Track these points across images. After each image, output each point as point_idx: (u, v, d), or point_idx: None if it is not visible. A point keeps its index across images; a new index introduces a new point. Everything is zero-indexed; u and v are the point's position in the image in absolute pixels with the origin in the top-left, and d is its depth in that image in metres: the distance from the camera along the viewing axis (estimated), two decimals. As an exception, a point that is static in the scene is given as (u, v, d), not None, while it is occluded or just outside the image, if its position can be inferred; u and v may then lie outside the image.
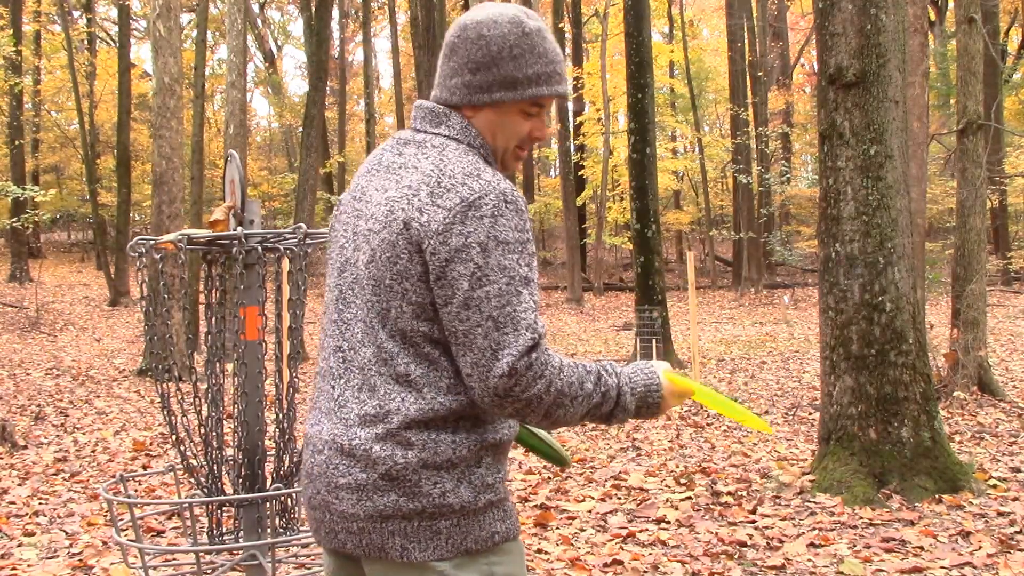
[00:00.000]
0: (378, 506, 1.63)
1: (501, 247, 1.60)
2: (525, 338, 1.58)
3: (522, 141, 1.79)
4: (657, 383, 1.75)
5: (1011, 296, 24.02)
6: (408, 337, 1.65)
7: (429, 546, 1.63)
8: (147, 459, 7.14)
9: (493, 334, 1.58)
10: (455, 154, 1.70)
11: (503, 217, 1.61)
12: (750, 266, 27.70)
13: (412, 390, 1.64)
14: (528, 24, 1.75)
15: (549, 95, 1.76)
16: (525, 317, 1.59)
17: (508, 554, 1.71)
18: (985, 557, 4.21)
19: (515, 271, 1.60)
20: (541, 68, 1.75)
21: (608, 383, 1.69)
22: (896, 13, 5.59)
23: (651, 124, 13.56)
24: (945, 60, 20.08)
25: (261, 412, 3.44)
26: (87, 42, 30.37)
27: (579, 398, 1.65)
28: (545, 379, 1.59)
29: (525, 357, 1.58)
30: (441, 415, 1.64)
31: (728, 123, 32.13)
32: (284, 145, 41.06)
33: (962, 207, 9.17)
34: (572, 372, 1.64)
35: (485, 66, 1.73)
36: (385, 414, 1.65)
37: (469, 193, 1.61)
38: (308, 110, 17.68)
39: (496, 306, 1.58)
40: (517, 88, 1.74)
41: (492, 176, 1.66)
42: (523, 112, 1.77)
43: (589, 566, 4.26)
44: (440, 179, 1.65)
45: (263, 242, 3.43)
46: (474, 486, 1.65)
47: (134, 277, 21.62)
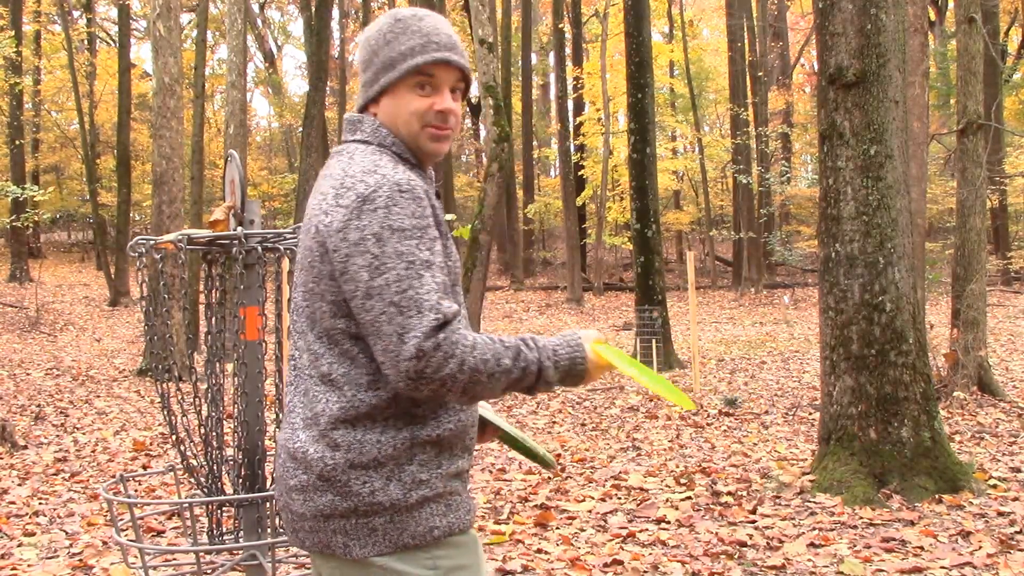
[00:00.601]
0: (319, 506, 1.70)
1: (397, 235, 1.64)
2: (429, 319, 1.61)
3: (427, 118, 1.81)
4: (582, 356, 1.77)
5: (1011, 296, 24.02)
6: (331, 336, 1.72)
7: (368, 543, 1.69)
8: (147, 459, 7.14)
9: (397, 319, 1.61)
10: (361, 155, 1.77)
11: (397, 206, 1.66)
12: (750, 266, 27.69)
13: (334, 389, 1.70)
14: (402, 14, 1.84)
15: (428, 61, 1.78)
16: (428, 299, 1.62)
17: (455, 547, 1.73)
18: (985, 557, 4.21)
19: (413, 256, 1.64)
20: (415, 42, 1.79)
21: (528, 358, 1.71)
22: (896, 13, 5.59)
23: (651, 124, 13.56)
24: (945, 60, 20.09)
25: (261, 412, 3.44)
26: (87, 42, 30.37)
27: (496, 374, 1.66)
28: (457, 358, 1.61)
29: (432, 338, 1.60)
30: (363, 412, 1.68)
31: (728, 123, 32.13)
32: (284, 145, 41.07)
33: (962, 207, 9.17)
34: (487, 349, 1.66)
35: (369, 61, 1.82)
36: (316, 416, 1.72)
37: (365, 188, 1.68)
38: (308, 110, 17.69)
39: (396, 291, 1.62)
40: (395, 66, 1.79)
41: (390, 169, 1.71)
42: (415, 89, 1.80)
43: (589, 566, 4.26)
44: (343, 180, 1.71)
45: (263, 242, 3.43)
46: (404, 483, 1.69)
47: (134, 277, 21.57)
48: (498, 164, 11.60)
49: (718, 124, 37.79)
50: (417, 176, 1.78)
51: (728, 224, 30.47)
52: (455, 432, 1.76)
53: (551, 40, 30.92)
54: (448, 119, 1.82)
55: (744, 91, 28.79)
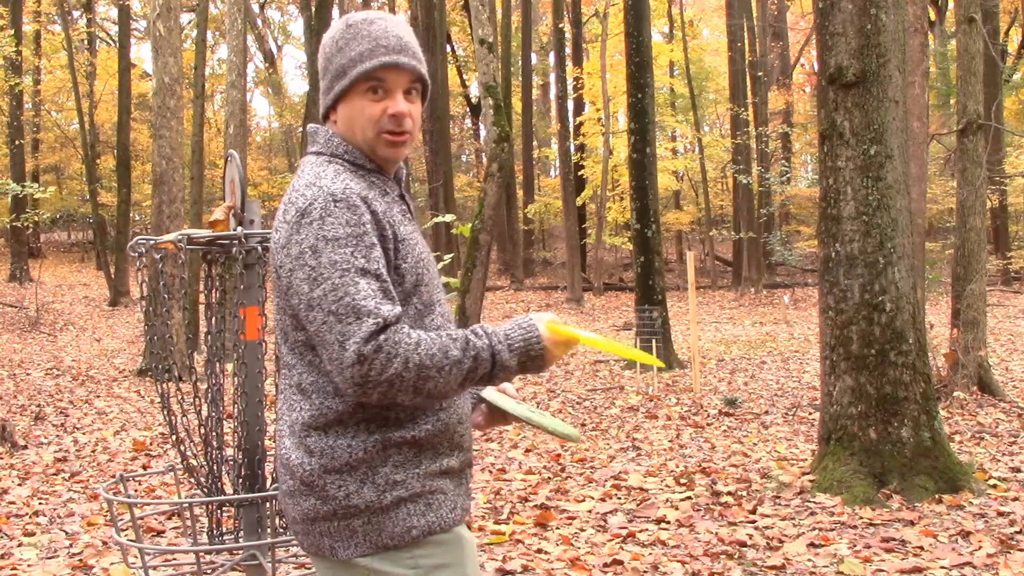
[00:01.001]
0: (304, 510, 1.74)
1: (331, 244, 1.66)
2: (367, 324, 1.62)
3: (381, 123, 1.80)
4: (536, 336, 1.75)
5: (1011, 296, 24.02)
6: (297, 348, 1.75)
7: (350, 544, 1.72)
8: (147, 459, 7.15)
9: (337, 327, 1.63)
10: (309, 168, 1.78)
11: (331, 216, 1.67)
12: (750, 266, 27.68)
13: (306, 397, 1.74)
14: (353, 18, 1.83)
15: (376, 66, 1.78)
16: (365, 305, 1.63)
17: (438, 546, 1.74)
18: (985, 557, 4.21)
19: (348, 264, 1.65)
20: (364, 47, 1.79)
21: (477, 345, 1.70)
22: (896, 13, 5.59)
23: (651, 124, 13.56)
24: (945, 60, 20.08)
25: (261, 412, 3.44)
26: (87, 42, 30.36)
27: (446, 367, 1.66)
28: (400, 357, 1.62)
29: (372, 342, 1.61)
30: (331, 418, 1.71)
31: (728, 123, 32.12)
32: (284, 145, 41.06)
33: (962, 207, 9.17)
34: (432, 344, 1.66)
35: (325, 69, 1.83)
36: (292, 423, 1.76)
37: (303, 202, 1.70)
38: (308, 110, 17.69)
39: (333, 300, 1.63)
40: (347, 73, 1.80)
41: (329, 180, 1.71)
42: (367, 95, 1.79)
43: (589, 566, 4.26)
44: (290, 195, 1.74)
45: (263, 242, 3.43)
46: (377, 485, 1.70)
47: (134, 277, 21.55)
48: (498, 164, 11.60)
49: (718, 124, 37.78)
50: (363, 183, 1.76)
51: (728, 224, 30.46)
52: (435, 431, 1.76)
53: (551, 40, 30.92)
54: (403, 123, 1.80)
55: (744, 91, 28.78)
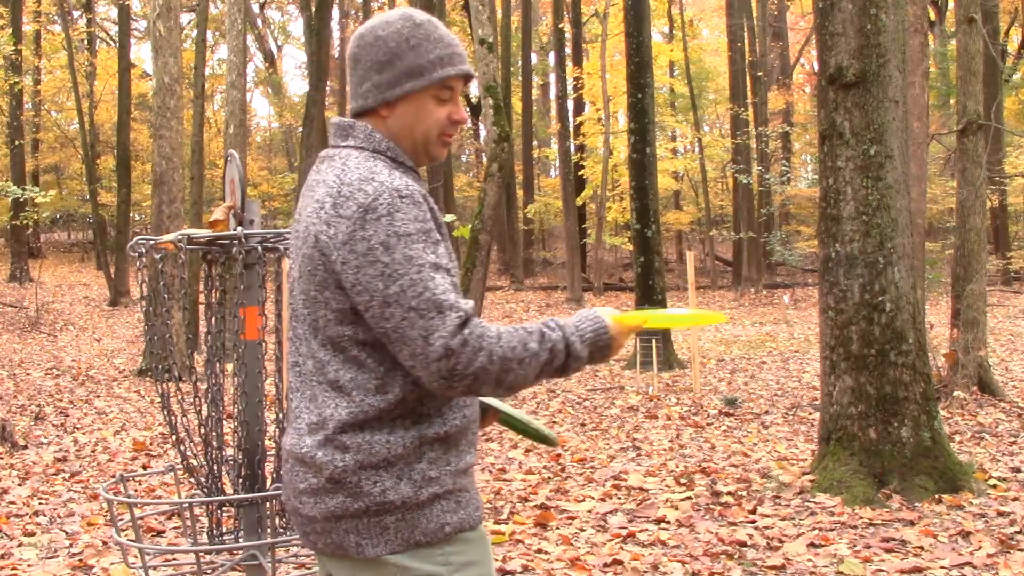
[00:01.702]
0: (330, 507, 1.72)
1: (403, 240, 1.66)
2: (451, 318, 1.63)
3: (443, 127, 1.84)
4: (604, 326, 1.79)
5: (1011, 296, 24.02)
6: (336, 343, 1.73)
7: (380, 541, 1.70)
8: (147, 459, 7.15)
9: (419, 322, 1.63)
10: (355, 162, 1.76)
11: (399, 212, 1.67)
12: (750, 266, 27.68)
13: (343, 395, 1.72)
14: (418, 17, 1.83)
15: (455, 74, 1.82)
16: (446, 299, 1.64)
17: (466, 543, 1.76)
18: (985, 557, 4.21)
19: (422, 259, 1.66)
20: (442, 51, 1.81)
21: (553, 338, 1.73)
22: (896, 13, 5.59)
23: (651, 124, 13.56)
24: (945, 60, 20.08)
25: (261, 412, 3.44)
26: (87, 42, 30.36)
27: (526, 359, 1.69)
28: (485, 350, 1.64)
29: (458, 335, 1.63)
30: (372, 416, 1.70)
31: (728, 123, 32.11)
32: (284, 145, 41.07)
33: (962, 207, 9.17)
34: (512, 337, 1.69)
35: (388, 63, 1.80)
36: (323, 421, 1.73)
37: (364, 197, 1.68)
38: (308, 110, 17.70)
39: (413, 296, 1.64)
40: (424, 74, 1.79)
41: (387, 176, 1.72)
42: (436, 98, 1.82)
43: (589, 566, 4.26)
44: (340, 188, 1.71)
45: (263, 242, 3.43)
46: (414, 481, 1.71)
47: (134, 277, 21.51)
48: (498, 164, 11.60)
49: (718, 124, 37.77)
50: (413, 180, 1.79)
51: (728, 224, 30.46)
52: (460, 428, 1.78)
53: (551, 40, 30.93)
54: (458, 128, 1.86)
55: (744, 91, 28.79)
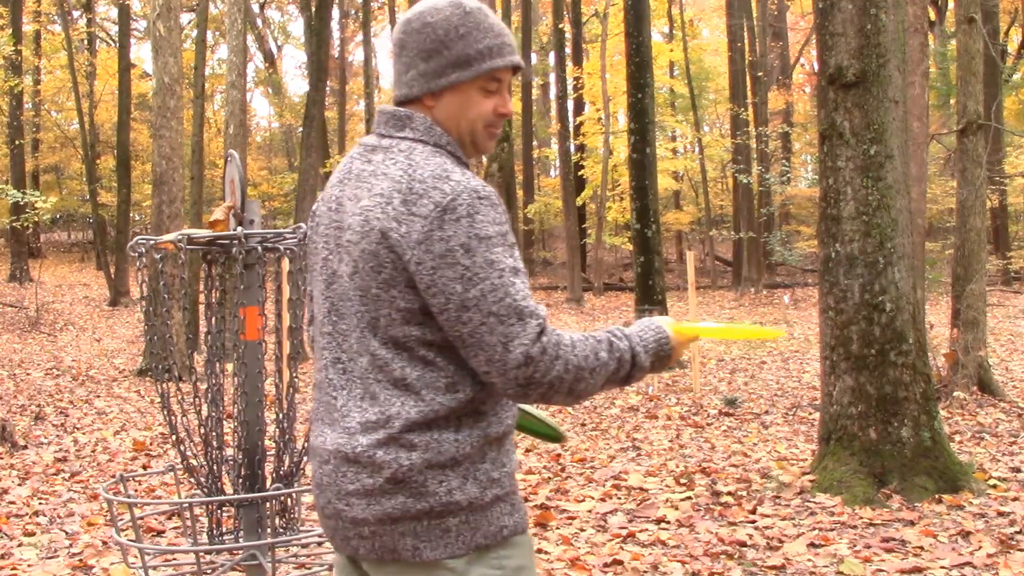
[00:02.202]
0: (386, 509, 1.65)
1: (484, 243, 1.61)
2: (532, 325, 1.62)
3: (489, 119, 1.79)
4: (666, 336, 1.80)
5: (1011, 296, 24.01)
6: (401, 342, 1.67)
7: (440, 544, 1.65)
8: (147, 459, 7.14)
9: (499, 328, 1.60)
10: (422, 157, 1.69)
11: (479, 214, 1.62)
12: (750, 266, 27.67)
13: (411, 393, 1.66)
14: (468, 4, 1.76)
15: (504, 66, 1.76)
16: (526, 305, 1.62)
17: (517, 547, 1.73)
18: (985, 557, 4.21)
19: (503, 263, 1.62)
20: (491, 41, 1.75)
21: (620, 347, 1.73)
22: (896, 13, 5.59)
23: (651, 124, 13.56)
24: (945, 60, 20.06)
25: (261, 412, 3.44)
26: (87, 42, 30.35)
27: (597, 369, 1.68)
28: (562, 359, 1.63)
29: (537, 343, 1.61)
30: (442, 415, 1.66)
31: (728, 123, 32.11)
32: (284, 145, 41.06)
33: (962, 207, 9.17)
34: (584, 346, 1.68)
35: (436, 51, 1.73)
36: (387, 419, 1.66)
37: (442, 197, 1.62)
38: (308, 110, 17.69)
39: (493, 301, 1.60)
40: (472, 64, 1.74)
41: (462, 175, 1.66)
42: (483, 89, 1.77)
43: (589, 566, 4.26)
44: (411, 185, 1.65)
45: (263, 242, 3.43)
46: (480, 482, 1.67)
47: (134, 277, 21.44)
48: (498, 164, 11.60)
49: (718, 124, 37.76)
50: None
51: (728, 224, 30.45)
52: (510, 428, 1.76)
53: (551, 40, 30.92)
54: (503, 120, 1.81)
55: (744, 91, 28.78)
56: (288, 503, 3.55)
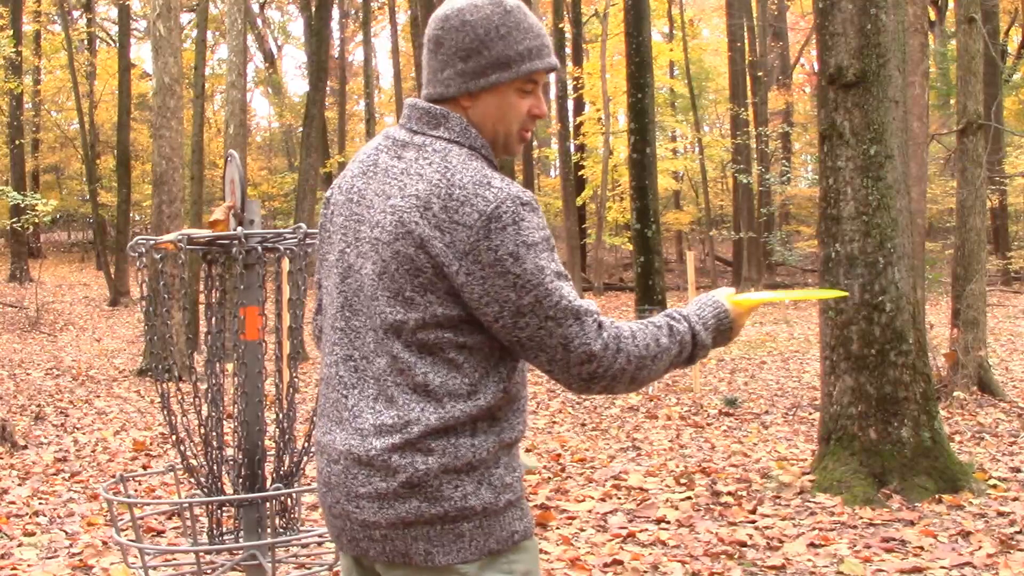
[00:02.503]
0: (400, 513, 1.63)
1: (532, 251, 1.60)
2: (589, 323, 1.63)
3: (524, 121, 1.76)
4: (725, 310, 1.81)
5: (1011, 296, 24.01)
6: (429, 345, 1.64)
7: (452, 549, 1.64)
8: (147, 459, 7.15)
9: (558, 331, 1.61)
10: (459, 160, 1.65)
11: (524, 221, 1.61)
12: (750, 266, 27.68)
13: (431, 400, 1.64)
14: (508, 3, 1.72)
15: (543, 68, 1.74)
16: (580, 304, 1.63)
17: (526, 552, 1.73)
18: (985, 557, 4.21)
19: (550, 268, 1.62)
20: (531, 43, 1.72)
21: (680, 330, 1.74)
22: (896, 13, 5.59)
23: (651, 124, 13.58)
24: (945, 60, 20.07)
25: (261, 412, 3.44)
26: (87, 42, 30.36)
27: (659, 355, 1.70)
28: (624, 352, 1.65)
29: (599, 340, 1.63)
30: (461, 420, 1.64)
31: (728, 123, 32.12)
32: (284, 145, 41.06)
33: (962, 207, 9.17)
34: (644, 335, 1.69)
35: (475, 51, 1.69)
36: (404, 424, 1.64)
37: (485, 205, 1.59)
38: (308, 110, 17.69)
39: (549, 305, 1.61)
40: (511, 66, 1.70)
41: (502, 182, 1.64)
42: (520, 91, 1.74)
43: (589, 566, 4.26)
44: (450, 191, 1.61)
45: (263, 242, 3.43)
46: (494, 487, 1.66)
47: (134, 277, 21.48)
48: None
49: (718, 124, 37.76)
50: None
51: (728, 224, 30.46)
52: (520, 434, 1.75)
53: (551, 40, 30.93)
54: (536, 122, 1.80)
55: (744, 91, 28.78)
56: (288, 503, 3.55)
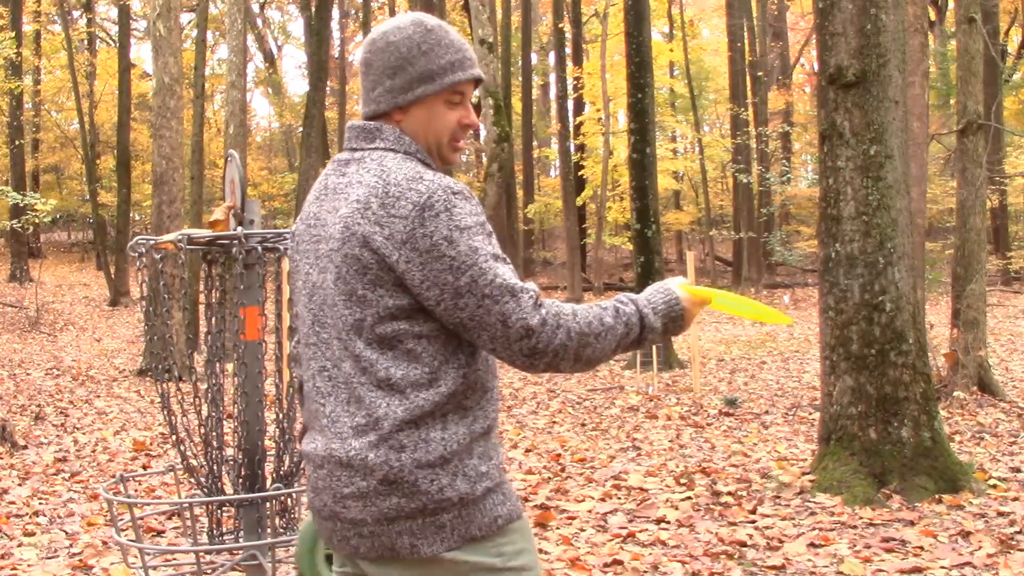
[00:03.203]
0: (382, 510, 1.71)
1: (465, 234, 1.69)
2: (524, 299, 1.70)
3: (454, 131, 1.88)
4: (676, 297, 1.85)
5: (1011, 296, 24.01)
6: (388, 339, 1.73)
7: (436, 540, 1.71)
8: (147, 459, 7.15)
9: (495, 308, 1.68)
10: (394, 163, 1.78)
11: (456, 208, 1.70)
12: (750, 266, 27.69)
13: (395, 393, 1.72)
14: (429, 22, 1.86)
15: (466, 79, 1.85)
16: (515, 283, 1.70)
17: (515, 533, 1.79)
18: (985, 557, 4.21)
19: (485, 250, 1.70)
20: (452, 56, 1.84)
21: (626, 311, 1.79)
22: (896, 13, 5.59)
23: (651, 124, 13.55)
24: (945, 60, 20.08)
25: (261, 412, 3.44)
26: (87, 42, 30.37)
27: (602, 333, 1.75)
28: (563, 327, 1.71)
29: (536, 315, 1.69)
30: (428, 411, 1.71)
31: (728, 123, 32.12)
32: (284, 145, 41.07)
33: (962, 207, 9.17)
34: (587, 313, 1.75)
35: (400, 68, 1.82)
36: (375, 421, 1.72)
37: (418, 196, 1.70)
38: (308, 110, 17.70)
39: (484, 284, 1.68)
40: (435, 79, 1.83)
41: (433, 176, 1.75)
42: (447, 102, 1.85)
43: (589, 566, 4.26)
44: (387, 189, 1.72)
45: (263, 242, 3.43)
46: (469, 477, 1.73)
47: (134, 277, 21.52)
48: (498, 164, 11.61)
49: (718, 124, 37.76)
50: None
51: (728, 224, 30.46)
52: (494, 422, 1.81)
53: (551, 40, 30.93)
54: (468, 132, 1.90)
55: (744, 91, 28.79)
56: (288, 503, 3.56)
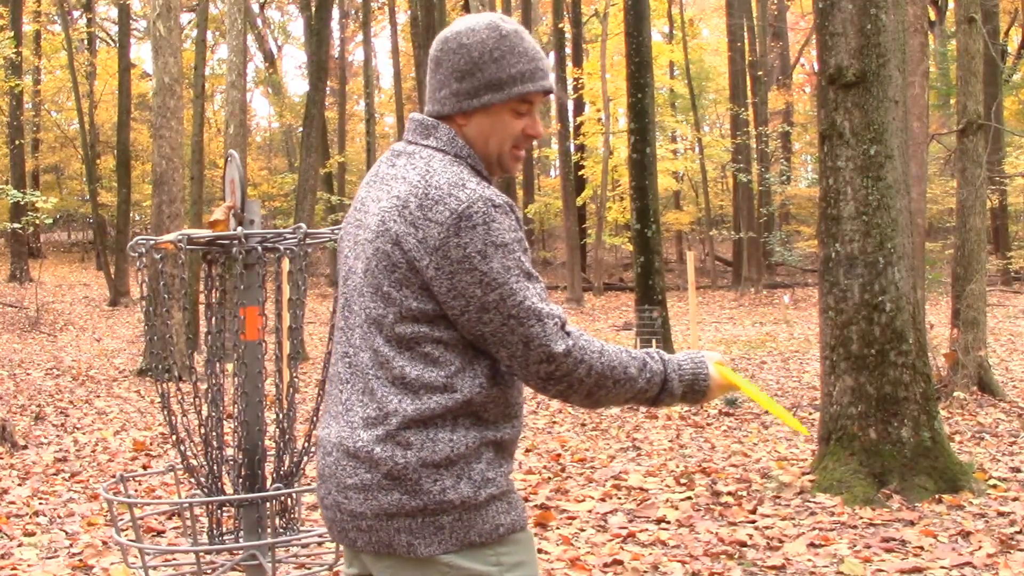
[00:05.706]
0: (383, 504, 1.70)
1: (500, 250, 1.67)
2: (550, 325, 1.68)
3: (517, 141, 1.84)
4: (705, 373, 1.83)
5: (1011, 296, 24.01)
6: (406, 340, 1.71)
7: (433, 541, 1.70)
8: (147, 459, 7.15)
9: (519, 329, 1.67)
10: (440, 164, 1.75)
11: (495, 222, 1.68)
12: (750, 266, 27.68)
13: (408, 392, 1.70)
14: (504, 27, 1.80)
15: (535, 91, 1.81)
16: (543, 307, 1.68)
17: (516, 544, 1.77)
18: (985, 557, 4.21)
19: (518, 268, 1.68)
20: (524, 66, 1.80)
21: (653, 369, 1.77)
22: (896, 13, 5.59)
23: (651, 124, 13.54)
24: (945, 60, 20.07)
25: (261, 412, 3.44)
26: (87, 42, 30.37)
27: (622, 381, 1.73)
28: (585, 363, 1.69)
29: (560, 343, 1.68)
30: (438, 414, 1.70)
31: (728, 123, 32.12)
32: (284, 145, 41.06)
33: (962, 207, 9.17)
34: (614, 357, 1.73)
35: (469, 72, 1.78)
36: (384, 416, 1.71)
37: (457, 204, 1.67)
38: (308, 110, 17.67)
39: (512, 304, 1.66)
40: (503, 88, 1.79)
41: (477, 184, 1.71)
42: (514, 112, 1.81)
43: (589, 566, 4.26)
44: (427, 191, 1.70)
45: (263, 242, 3.43)
46: (474, 481, 1.71)
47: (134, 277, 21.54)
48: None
49: (718, 124, 37.77)
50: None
51: (728, 224, 30.46)
52: (512, 437, 1.80)
53: (551, 40, 30.91)
54: (531, 142, 1.86)
55: (744, 91, 28.79)
56: (288, 503, 3.55)
